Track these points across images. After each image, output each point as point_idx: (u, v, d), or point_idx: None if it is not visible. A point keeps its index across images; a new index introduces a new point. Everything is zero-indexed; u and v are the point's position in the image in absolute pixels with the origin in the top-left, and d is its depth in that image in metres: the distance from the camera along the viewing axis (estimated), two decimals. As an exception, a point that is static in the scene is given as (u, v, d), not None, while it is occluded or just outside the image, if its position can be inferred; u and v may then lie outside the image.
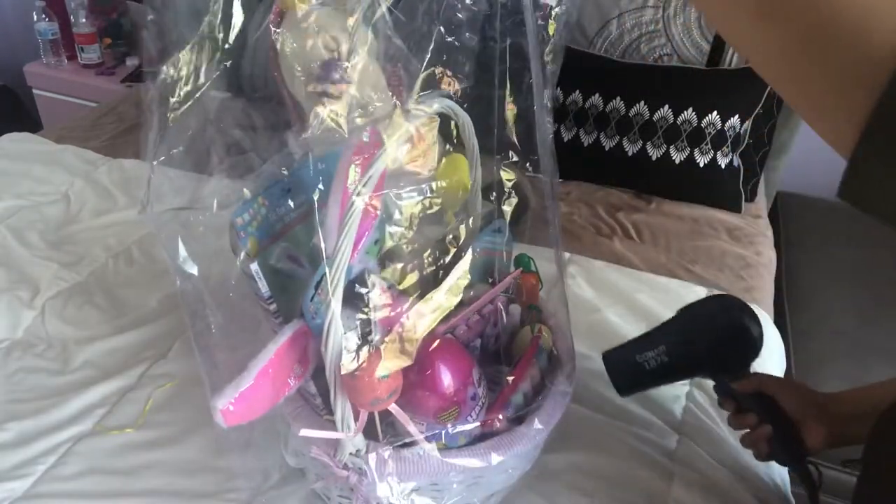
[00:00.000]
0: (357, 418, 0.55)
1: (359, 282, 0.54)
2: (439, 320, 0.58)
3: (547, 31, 0.58)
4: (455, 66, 0.56)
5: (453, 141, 0.64)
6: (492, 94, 0.61)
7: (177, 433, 0.81)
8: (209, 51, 0.51)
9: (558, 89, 1.46)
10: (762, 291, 1.19)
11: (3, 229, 1.16)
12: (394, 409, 0.56)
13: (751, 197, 1.46)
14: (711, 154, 1.38)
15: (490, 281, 0.72)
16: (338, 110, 0.53)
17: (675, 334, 0.75)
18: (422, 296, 0.57)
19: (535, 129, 0.61)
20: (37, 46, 2.13)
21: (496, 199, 0.67)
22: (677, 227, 1.34)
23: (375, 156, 0.51)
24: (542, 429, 0.62)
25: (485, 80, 0.61)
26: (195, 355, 0.60)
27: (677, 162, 1.39)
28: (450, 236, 0.65)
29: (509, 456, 0.60)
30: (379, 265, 0.60)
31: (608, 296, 1.08)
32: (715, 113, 1.36)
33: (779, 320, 1.25)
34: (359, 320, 0.53)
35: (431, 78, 0.55)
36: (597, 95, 1.43)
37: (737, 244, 1.30)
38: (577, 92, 1.44)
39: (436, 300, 0.57)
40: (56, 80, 2.14)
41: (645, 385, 0.80)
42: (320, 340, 0.52)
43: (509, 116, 0.62)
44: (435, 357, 0.58)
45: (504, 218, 0.69)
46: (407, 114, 0.54)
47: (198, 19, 0.51)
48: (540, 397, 0.66)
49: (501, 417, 0.62)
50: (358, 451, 0.57)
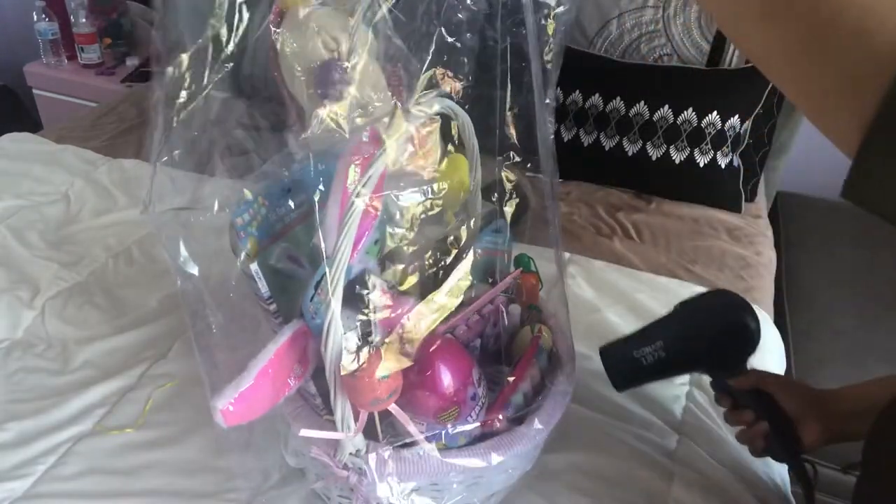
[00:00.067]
0: (357, 418, 0.55)
1: (359, 282, 0.54)
2: (440, 321, 0.58)
3: (546, 31, 0.58)
4: (455, 67, 0.56)
5: (454, 141, 0.64)
6: (492, 94, 0.61)
7: (177, 433, 0.81)
8: (213, 52, 0.51)
9: (558, 89, 1.46)
10: (762, 291, 1.19)
11: (3, 229, 1.16)
12: (394, 409, 0.56)
13: (751, 197, 1.46)
14: (711, 154, 1.38)
15: (490, 281, 0.72)
16: (338, 110, 0.53)
17: (673, 330, 0.75)
18: (422, 297, 0.57)
19: (536, 128, 0.61)
20: (37, 46, 2.13)
21: (497, 200, 0.67)
22: (677, 227, 1.34)
23: (375, 156, 0.51)
24: (542, 429, 0.62)
25: (485, 80, 0.60)
26: (195, 355, 0.60)
27: (677, 162, 1.39)
28: (450, 237, 0.65)
29: (509, 456, 0.60)
30: (379, 266, 0.60)
31: (608, 296, 1.08)
32: (715, 113, 1.36)
33: (779, 320, 1.25)
34: (359, 321, 0.53)
35: (432, 78, 0.55)
36: (597, 95, 1.43)
37: (737, 244, 1.30)
38: (577, 92, 1.44)
39: (437, 301, 0.57)
40: (56, 80, 2.13)
41: (642, 380, 0.80)
42: (320, 340, 0.52)
43: (510, 117, 0.62)
44: (435, 357, 0.58)
45: (504, 218, 0.69)
46: (407, 114, 0.54)
47: (198, 19, 0.51)
48: (540, 397, 0.66)
49: (501, 417, 0.62)
50: (358, 451, 0.57)
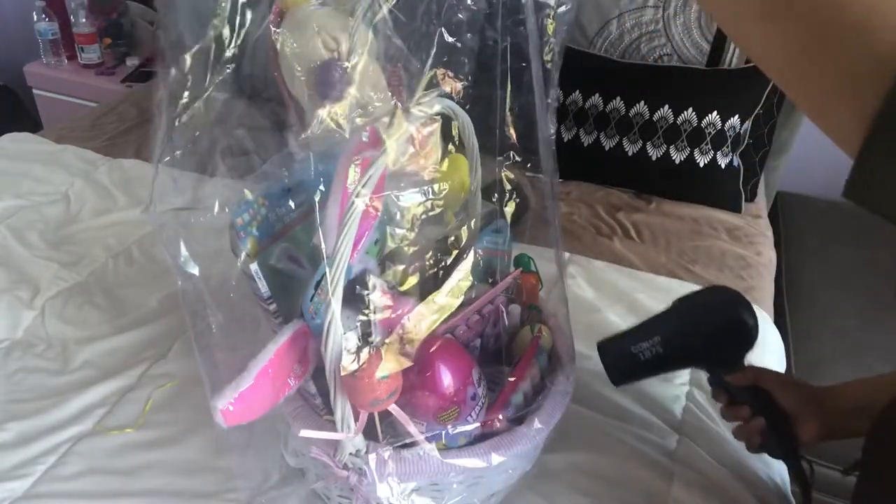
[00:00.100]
0: (357, 418, 0.55)
1: (359, 282, 0.54)
2: (440, 321, 0.58)
3: (546, 31, 0.58)
4: (455, 67, 0.56)
5: (454, 141, 0.64)
6: (492, 94, 0.61)
7: (177, 433, 0.81)
8: (216, 53, 0.51)
9: (558, 89, 1.45)
10: (762, 291, 1.19)
11: (3, 229, 1.16)
12: (394, 409, 0.56)
13: (751, 197, 1.46)
14: (711, 154, 1.38)
15: (490, 281, 0.72)
16: (338, 110, 0.53)
17: (670, 325, 0.75)
18: (423, 297, 0.57)
19: (536, 128, 0.61)
20: (37, 46, 2.13)
21: (497, 200, 0.67)
22: (677, 227, 1.34)
23: (375, 156, 0.51)
24: (542, 429, 0.62)
25: (485, 80, 0.60)
26: (195, 355, 0.60)
27: (677, 162, 1.39)
28: (451, 237, 0.64)
29: (509, 456, 0.60)
30: (380, 267, 0.60)
31: (608, 296, 1.08)
32: (715, 113, 1.36)
33: (779, 320, 1.25)
34: (359, 321, 0.53)
35: (432, 78, 0.55)
36: (597, 95, 1.43)
37: (737, 244, 1.30)
38: (577, 92, 1.44)
39: (437, 302, 0.57)
40: (56, 80, 2.13)
41: (639, 376, 0.80)
42: (320, 340, 0.52)
43: (509, 117, 0.62)
44: (435, 357, 0.58)
45: (505, 218, 0.68)
46: (407, 114, 0.53)
47: (198, 19, 0.51)
48: (540, 397, 0.66)
49: (501, 417, 0.62)
50: (358, 451, 0.57)
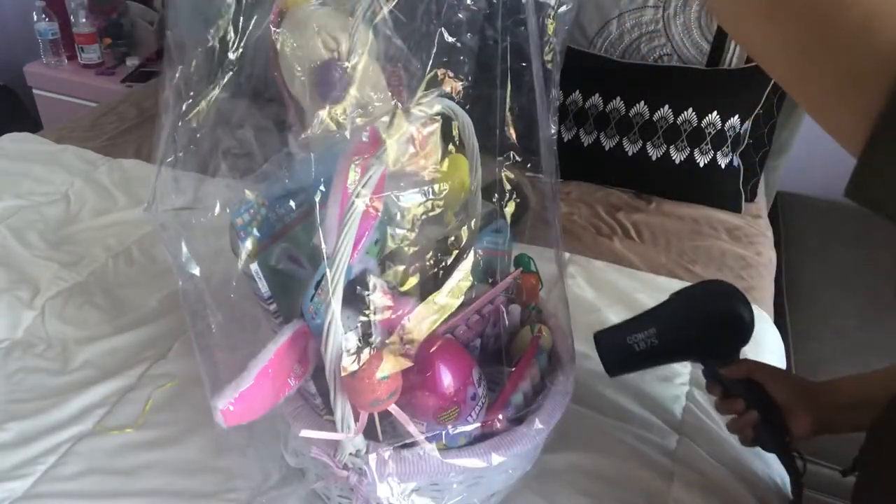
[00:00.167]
0: (357, 418, 0.55)
1: (359, 282, 0.54)
2: (440, 321, 0.58)
3: (546, 31, 0.58)
4: (455, 67, 0.56)
5: (454, 141, 0.64)
6: (492, 94, 0.61)
7: (177, 433, 0.81)
8: (220, 54, 0.51)
9: (558, 89, 1.45)
10: (762, 291, 1.19)
11: (3, 229, 1.16)
12: (394, 409, 0.56)
13: (751, 197, 1.46)
14: (711, 154, 1.38)
15: (490, 281, 0.72)
16: (338, 110, 0.53)
17: (666, 317, 0.75)
18: (423, 297, 0.57)
19: (536, 128, 0.61)
20: (37, 46, 2.13)
21: (497, 200, 0.67)
22: (677, 227, 1.34)
23: (376, 156, 0.51)
24: (542, 429, 0.62)
25: (485, 80, 0.60)
26: (195, 355, 0.60)
27: (677, 162, 1.39)
28: (451, 238, 0.64)
29: (509, 456, 0.60)
30: (380, 267, 0.60)
31: (608, 296, 1.08)
32: (715, 113, 1.36)
33: (779, 320, 1.25)
34: (359, 321, 0.53)
35: (432, 78, 0.55)
36: (597, 95, 1.43)
37: (737, 244, 1.30)
38: (577, 92, 1.44)
39: (437, 302, 0.57)
40: (56, 80, 2.14)
41: (634, 367, 0.80)
42: (320, 340, 0.52)
43: (509, 117, 0.62)
44: (435, 357, 0.58)
45: (505, 218, 0.68)
46: (407, 114, 0.53)
47: (199, 20, 0.51)
48: (540, 397, 0.66)
49: (501, 417, 0.62)
50: (358, 451, 0.57)
